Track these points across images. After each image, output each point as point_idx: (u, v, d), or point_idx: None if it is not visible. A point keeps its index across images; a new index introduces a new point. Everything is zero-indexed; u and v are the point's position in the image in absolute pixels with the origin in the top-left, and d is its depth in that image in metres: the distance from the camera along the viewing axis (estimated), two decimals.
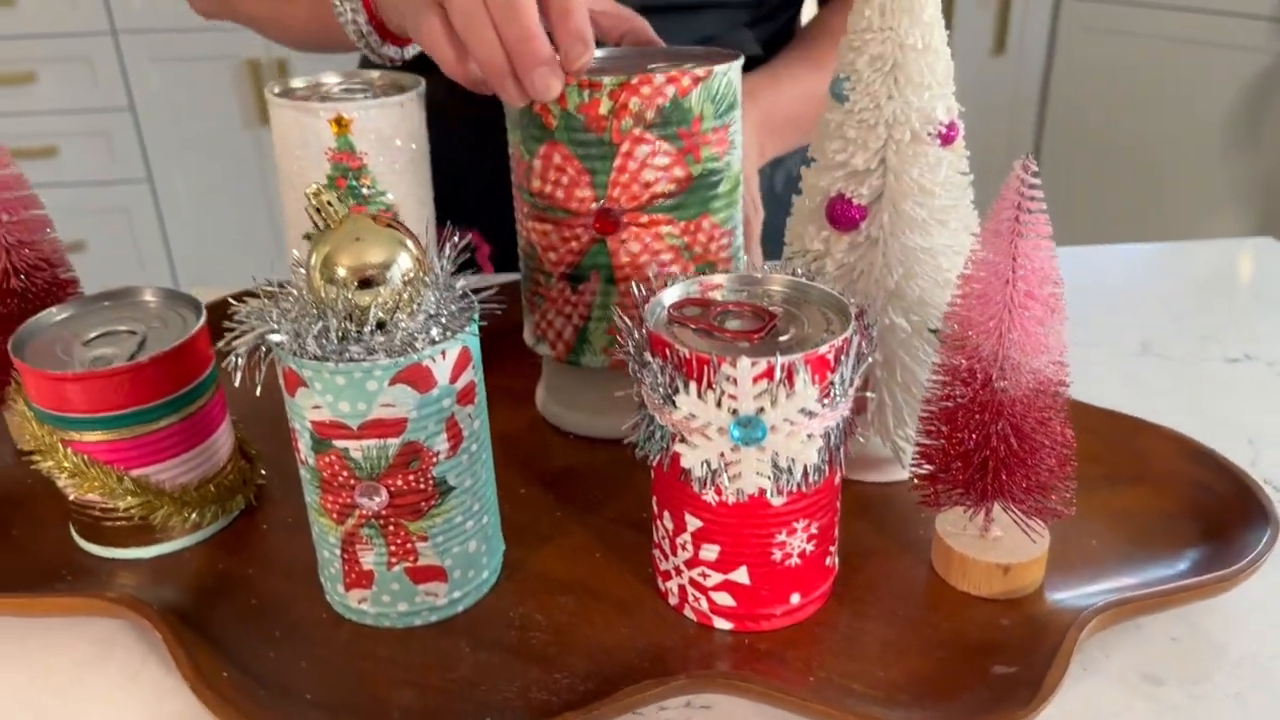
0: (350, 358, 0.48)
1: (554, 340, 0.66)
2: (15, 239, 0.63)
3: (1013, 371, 0.50)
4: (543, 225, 0.63)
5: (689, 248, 0.62)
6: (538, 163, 0.61)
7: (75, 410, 0.55)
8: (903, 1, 0.53)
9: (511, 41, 0.55)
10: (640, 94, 0.58)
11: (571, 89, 0.58)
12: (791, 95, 0.86)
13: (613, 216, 0.61)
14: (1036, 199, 0.48)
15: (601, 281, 0.63)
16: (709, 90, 0.60)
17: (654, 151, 0.60)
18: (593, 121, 0.59)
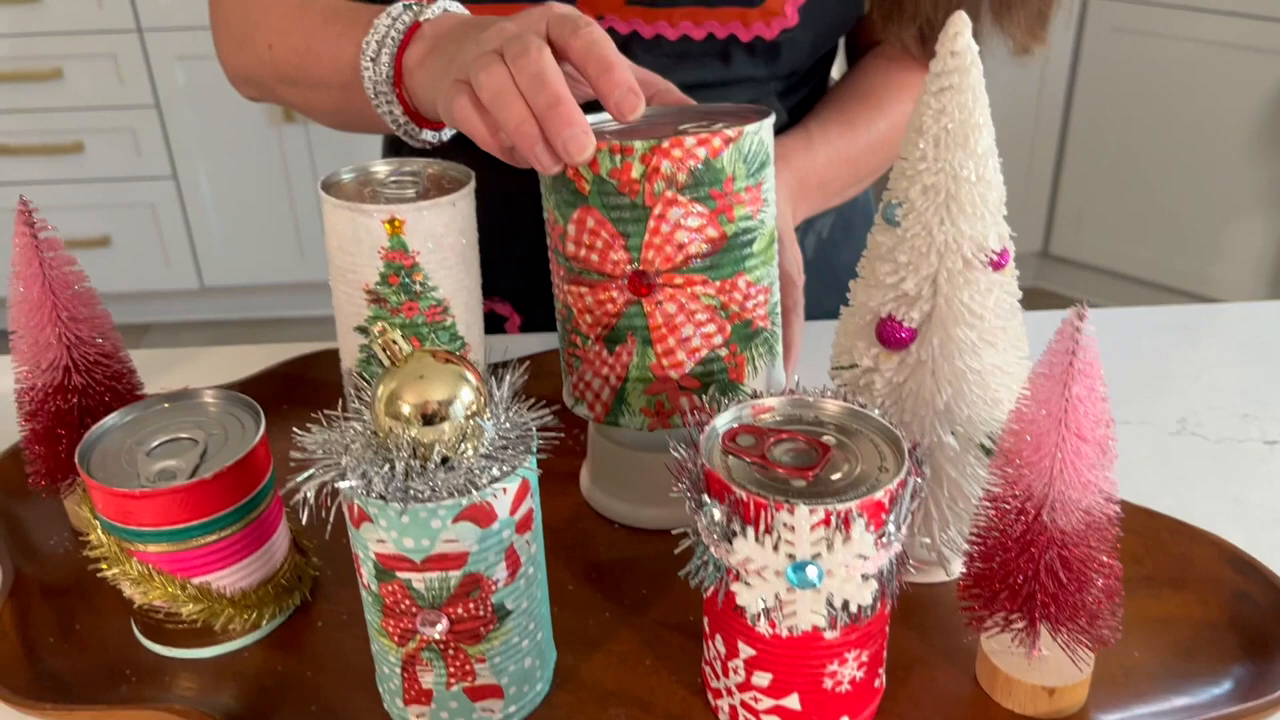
0: (415, 497, 0.49)
1: (592, 401, 0.67)
2: (75, 336, 0.64)
3: (1063, 509, 0.51)
4: (578, 288, 0.64)
5: (725, 307, 0.63)
6: (571, 227, 0.62)
7: (140, 524, 0.56)
8: (957, 136, 0.53)
9: (541, 109, 0.56)
10: (671, 157, 0.58)
11: (603, 154, 0.59)
12: (826, 158, 0.86)
13: (647, 279, 0.61)
14: (1089, 345, 0.49)
15: (638, 343, 0.63)
16: (740, 150, 0.60)
17: (687, 213, 0.60)
18: (625, 185, 0.59)
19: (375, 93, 0.70)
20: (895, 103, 0.90)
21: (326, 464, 0.51)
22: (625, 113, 0.58)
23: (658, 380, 0.63)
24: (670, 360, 0.63)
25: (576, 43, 0.58)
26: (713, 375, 0.64)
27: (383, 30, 0.69)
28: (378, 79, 0.69)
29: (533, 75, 0.56)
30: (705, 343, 0.63)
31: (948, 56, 0.52)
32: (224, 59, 0.87)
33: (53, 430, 0.65)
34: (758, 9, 0.81)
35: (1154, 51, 2.66)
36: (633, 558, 0.68)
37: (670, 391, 0.64)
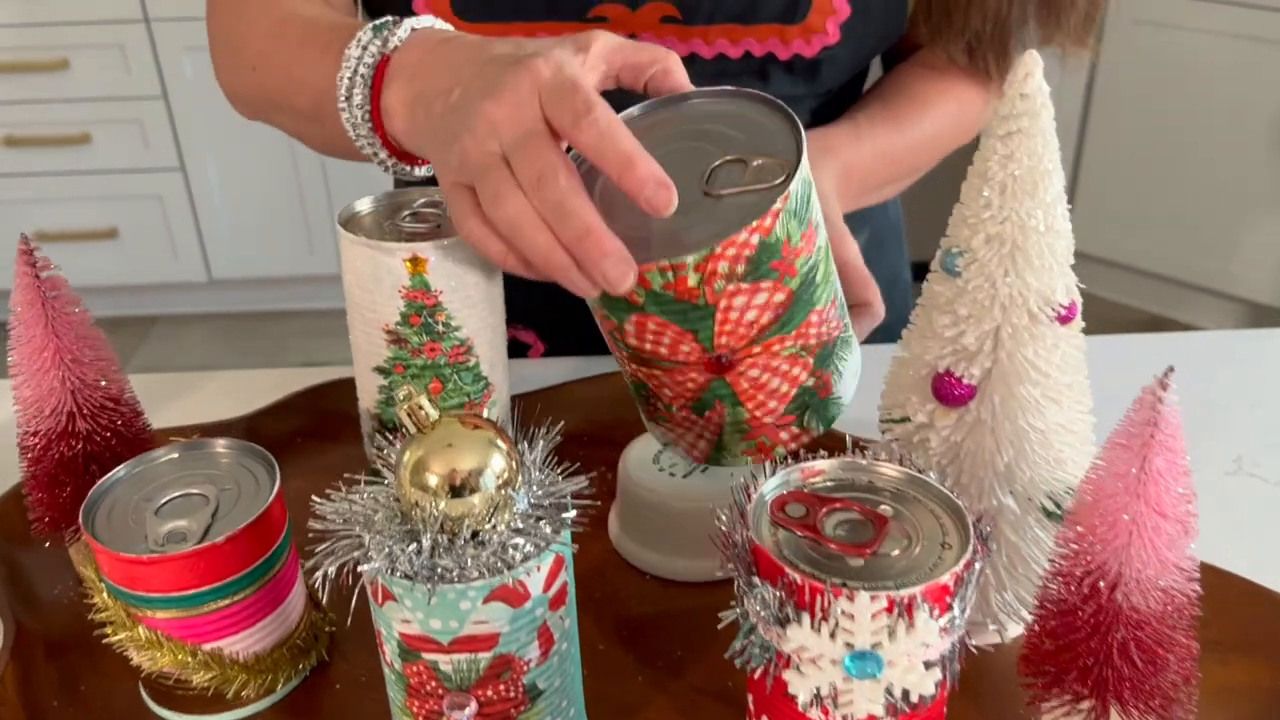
0: (443, 576, 0.45)
1: (688, 448, 0.65)
2: (79, 380, 0.61)
3: (1139, 589, 0.48)
4: (649, 370, 0.60)
5: (805, 348, 0.60)
6: (630, 326, 0.58)
7: (148, 590, 0.53)
8: (1025, 183, 0.50)
9: (570, 240, 0.51)
10: (726, 257, 0.54)
11: (653, 274, 0.54)
12: (872, 152, 0.82)
13: (726, 359, 0.58)
14: (1173, 416, 0.45)
15: (728, 407, 0.61)
16: (790, 211, 0.55)
17: (753, 294, 0.56)
18: (683, 294, 0.55)
19: (356, 135, 0.63)
20: (942, 105, 0.86)
21: (347, 538, 0.47)
22: (659, 209, 0.52)
23: (754, 429, 0.62)
24: (763, 410, 0.61)
25: (583, 137, 0.51)
26: (805, 405, 0.61)
27: (353, 64, 0.62)
28: (356, 121, 0.63)
29: (555, 205, 0.51)
30: (793, 385, 0.60)
31: (1017, 99, 0.49)
32: (219, 75, 0.82)
33: (56, 477, 0.62)
34: (798, 26, 0.77)
35: (1176, 44, 2.61)
36: (666, 612, 0.64)
37: (768, 432, 0.62)
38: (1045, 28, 0.80)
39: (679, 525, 0.65)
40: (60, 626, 0.63)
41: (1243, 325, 2.81)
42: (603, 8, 0.76)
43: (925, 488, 0.50)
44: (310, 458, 0.77)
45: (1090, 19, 0.80)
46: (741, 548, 0.48)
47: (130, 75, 2.69)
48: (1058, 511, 0.56)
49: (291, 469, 0.76)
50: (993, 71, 0.83)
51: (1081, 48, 0.82)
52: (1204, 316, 2.87)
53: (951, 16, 0.79)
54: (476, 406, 0.67)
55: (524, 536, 0.47)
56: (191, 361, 2.90)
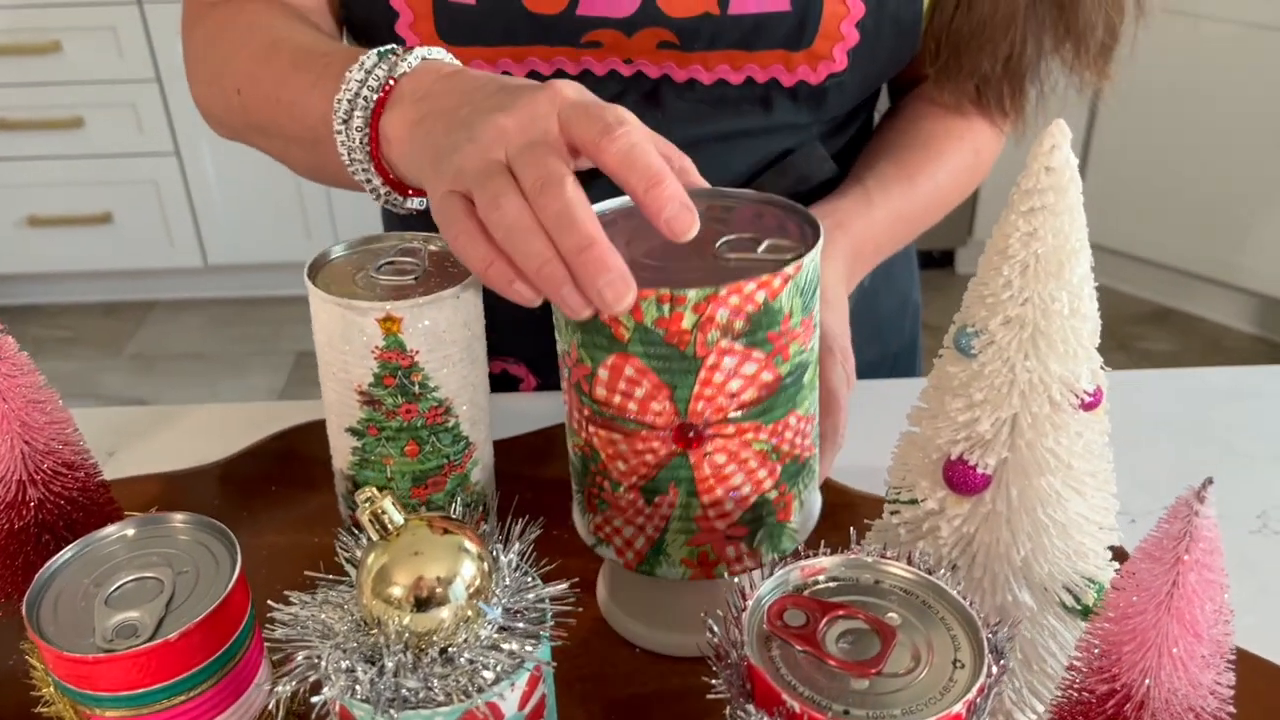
0: (406, 700, 0.42)
1: (622, 547, 0.59)
2: (29, 445, 0.57)
3: (1166, 710, 0.44)
4: (608, 434, 0.56)
5: (776, 449, 0.56)
6: (604, 372, 0.54)
7: (97, 689, 0.49)
8: (1049, 264, 0.45)
9: (570, 251, 0.47)
10: (728, 304, 0.51)
11: (648, 302, 0.50)
12: (885, 219, 0.78)
13: (695, 431, 0.54)
14: (1210, 530, 0.41)
15: (681, 494, 0.56)
16: (798, 284, 0.53)
17: (742, 361, 0.52)
18: (674, 336, 0.51)
19: (350, 159, 0.61)
20: (955, 151, 0.82)
21: (306, 649, 0.43)
22: (679, 233, 0.48)
23: (702, 531, 0.56)
24: (717, 511, 0.56)
25: (612, 148, 0.48)
26: (761, 520, 0.57)
27: (354, 87, 0.59)
28: (352, 145, 0.60)
29: (557, 213, 0.47)
30: (755, 489, 0.56)
31: (1042, 172, 0.44)
32: (195, 94, 0.78)
33: (6, 548, 0.58)
34: (803, 53, 0.73)
35: (1186, 32, 2.55)
36: (656, 693, 0.61)
37: (716, 542, 0.57)
38: (1063, 60, 0.76)
39: (670, 597, 0.62)
40: (12, 699, 0.60)
41: (1253, 318, 2.77)
42: (597, 33, 0.72)
43: (936, 593, 0.46)
44: (285, 508, 0.73)
45: (1108, 49, 0.76)
46: (736, 667, 0.44)
47: (123, 58, 2.64)
48: (1077, 606, 0.52)
49: (264, 520, 0.73)
50: (1007, 108, 0.79)
51: (1102, 79, 0.77)
52: (1213, 308, 2.83)
53: (961, 60, 0.75)
54: (457, 467, 0.63)
55: (497, 653, 0.43)
56: (187, 348, 2.86)
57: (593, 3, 0.71)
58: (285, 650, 0.44)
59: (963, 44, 0.75)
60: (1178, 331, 2.81)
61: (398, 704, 0.41)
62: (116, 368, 2.80)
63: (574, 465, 0.60)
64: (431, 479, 0.62)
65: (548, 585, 0.46)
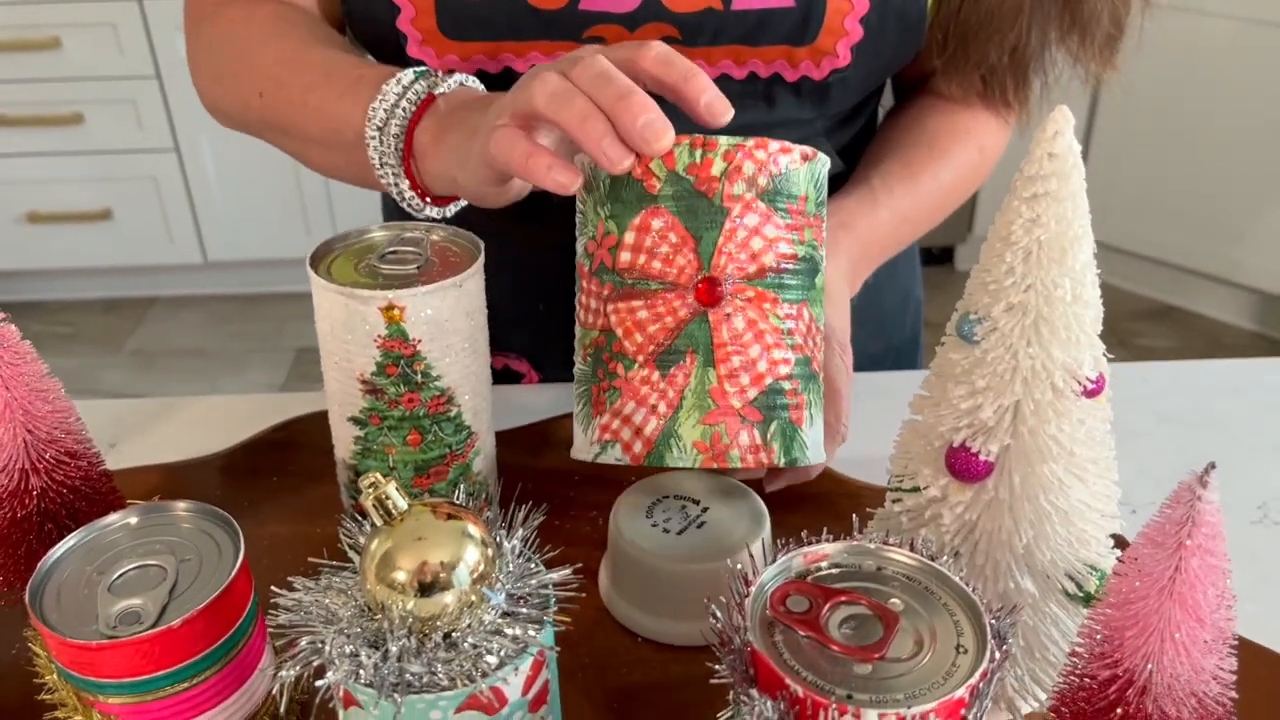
0: (410, 685, 0.42)
1: (630, 439, 0.57)
2: (32, 434, 0.57)
3: (1171, 696, 0.44)
4: (629, 304, 0.56)
5: (791, 334, 0.57)
6: (630, 235, 0.56)
7: (100, 675, 0.49)
8: (1052, 250, 0.45)
9: (610, 102, 0.52)
10: (755, 158, 0.55)
11: (681, 148, 0.54)
12: (889, 221, 0.79)
13: (718, 286, 0.55)
14: (1212, 515, 0.41)
15: (698, 364, 0.56)
16: (813, 173, 0.57)
17: (764, 220, 0.55)
18: (703, 183, 0.55)
19: (381, 163, 0.64)
20: (961, 148, 0.82)
21: (309, 635, 0.43)
22: (718, 115, 0.55)
23: (717, 408, 0.56)
24: (734, 384, 0.56)
25: (649, 55, 0.55)
26: (775, 411, 0.57)
27: (392, 99, 0.63)
28: (385, 150, 0.63)
29: (596, 74, 0.53)
30: (771, 369, 0.56)
31: (1045, 159, 0.44)
32: (201, 90, 0.79)
33: (9, 536, 0.58)
34: (806, 48, 0.73)
35: (1187, 28, 2.54)
36: (658, 683, 0.61)
37: (730, 421, 0.56)
38: (1068, 51, 0.76)
39: (673, 586, 0.62)
40: (16, 689, 0.60)
41: (1253, 315, 2.77)
42: (600, 27, 0.72)
43: (939, 579, 0.46)
44: (287, 499, 0.73)
45: (1114, 40, 0.76)
46: (739, 652, 0.44)
47: (123, 55, 2.63)
48: (1079, 593, 0.52)
49: (266, 510, 0.73)
50: (1011, 99, 0.79)
51: (1108, 69, 0.77)
52: (1213, 305, 2.83)
53: (968, 50, 0.75)
54: (459, 456, 0.63)
55: (501, 638, 0.43)
56: (188, 344, 2.86)
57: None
58: (289, 636, 0.44)
59: (970, 35, 0.75)
60: (1178, 328, 2.81)
61: (401, 688, 0.42)
62: (117, 364, 2.80)
63: (580, 376, 0.60)
64: (434, 468, 0.62)
65: (551, 571, 0.46)
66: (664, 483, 0.67)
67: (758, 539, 0.62)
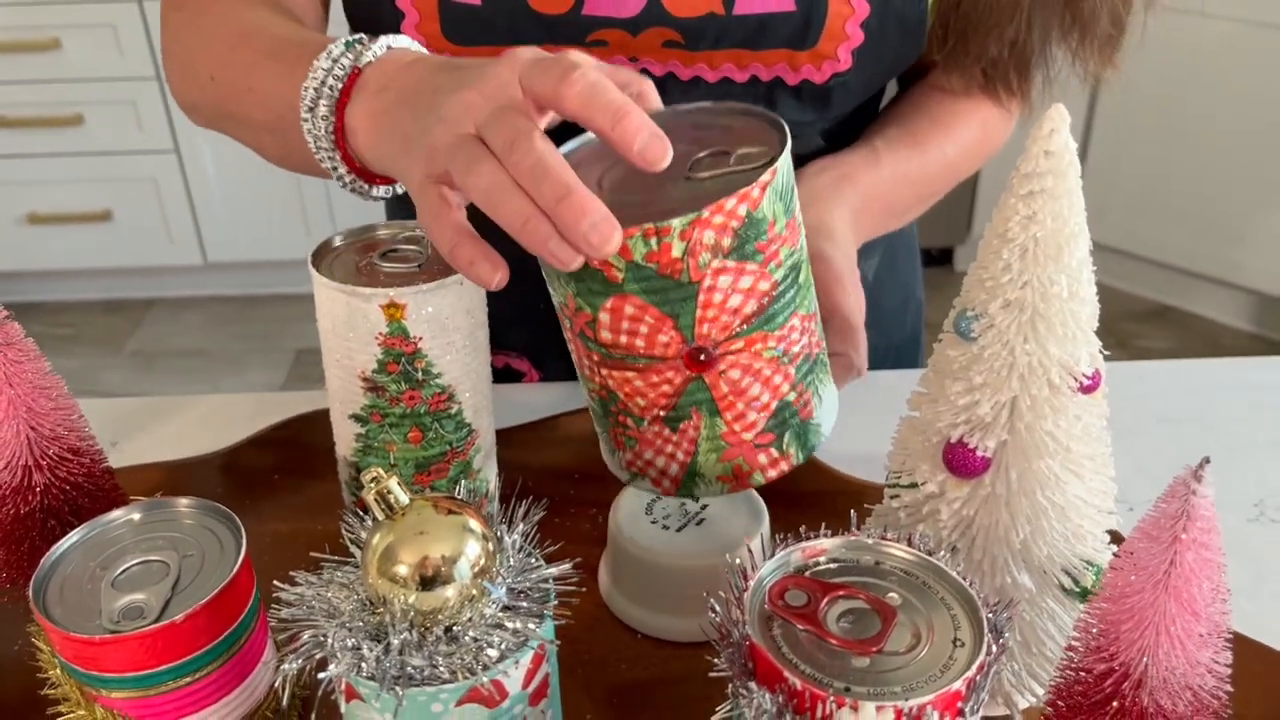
0: (412, 678, 0.42)
1: (657, 478, 0.59)
2: (36, 431, 0.57)
3: (1167, 690, 0.44)
4: (622, 374, 0.56)
5: (786, 353, 0.56)
6: (605, 315, 0.54)
7: (103, 670, 0.50)
8: (1048, 247, 0.46)
9: (548, 202, 0.48)
10: (713, 225, 0.51)
11: (635, 240, 0.50)
12: (892, 176, 0.78)
13: (707, 355, 0.54)
14: (1206, 509, 0.41)
15: (705, 417, 0.56)
16: (776, 190, 0.52)
17: (738, 276, 0.52)
18: (666, 267, 0.51)
19: (317, 147, 0.61)
20: (964, 129, 0.82)
21: (311, 629, 0.44)
22: (653, 163, 0.49)
23: (732, 446, 0.57)
24: (742, 424, 0.56)
25: (571, 92, 0.48)
26: (785, 422, 0.57)
27: (320, 75, 0.59)
28: (318, 133, 0.60)
29: (531, 166, 0.48)
30: (774, 395, 0.56)
31: (1041, 156, 0.45)
32: (171, 81, 0.78)
33: (13, 533, 0.59)
34: (807, 52, 0.73)
35: (1186, 30, 2.54)
36: (658, 679, 0.61)
37: (747, 453, 0.57)
38: (1065, 42, 0.76)
39: (672, 583, 0.62)
40: (18, 686, 0.60)
41: (1251, 316, 2.77)
42: (602, 32, 0.72)
43: (936, 573, 0.46)
44: (288, 497, 0.74)
45: (1114, 40, 0.76)
46: (738, 646, 0.44)
47: (123, 56, 2.64)
48: (1075, 588, 0.52)
49: (267, 508, 0.73)
50: (1014, 89, 0.79)
51: (1109, 68, 0.77)
52: (1212, 306, 2.83)
53: (968, 44, 0.75)
54: (459, 454, 0.63)
55: (501, 631, 0.43)
56: (187, 345, 2.87)
57: (598, 2, 0.71)
58: (291, 630, 0.44)
59: (970, 28, 0.74)
60: (1176, 329, 2.81)
61: (403, 681, 0.42)
62: (117, 365, 2.80)
63: (594, 409, 0.60)
64: (435, 465, 0.62)
65: (551, 565, 0.46)
66: None
67: (756, 535, 0.63)
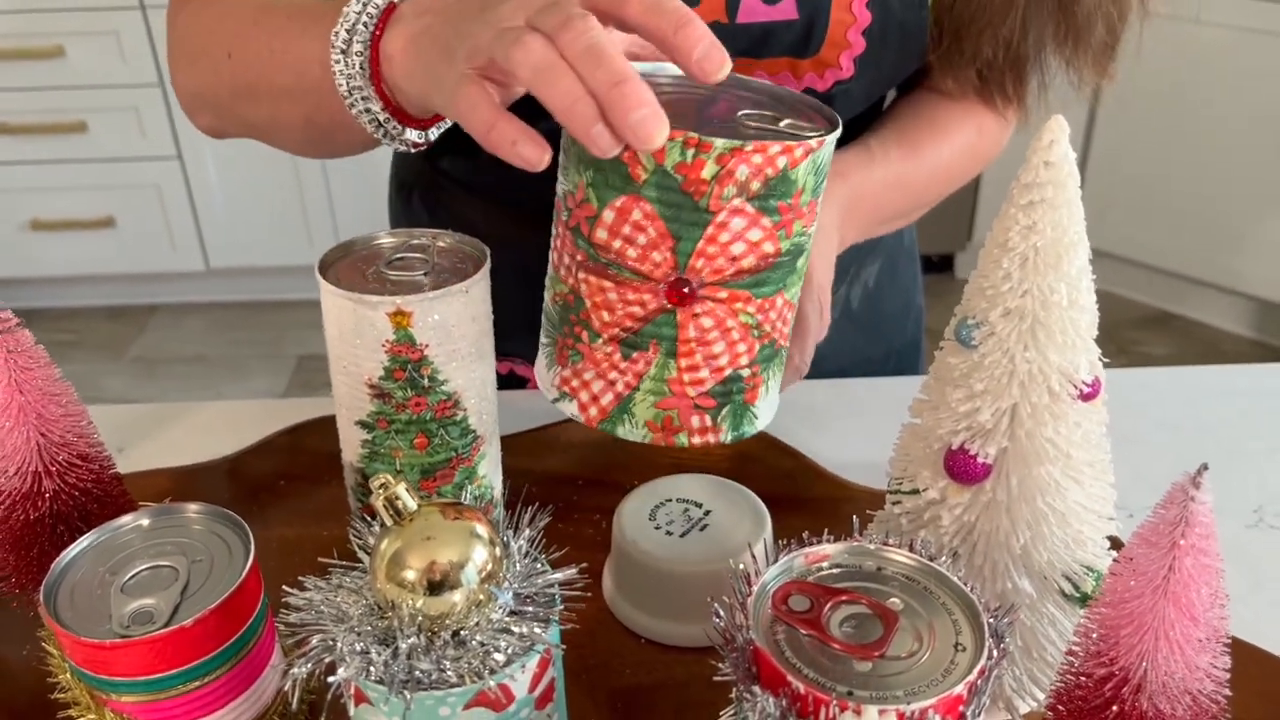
0: (420, 682, 0.42)
1: (586, 402, 0.57)
2: (45, 437, 0.58)
3: (1166, 695, 0.44)
4: (599, 280, 0.54)
5: (759, 326, 0.55)
6: (609, 214, 0.52)
7: (113, 674, 0.50)
8: (1048, 255, 0.46)
9: (602, 85, 0.46)
10: (751, 162, 0.50)
11: (674, 145, 0.49)
12: (884, 178, 0.78)
13: (690, 288, 0.53)
14: (1205, 515, 0.42)
15: (660, 354, 0.55)
16: (816, 162, 0.52)
17: (750, 225, 0.52)
18: (691, 184, 0.50)
19: (350, 89, 0.60)
20: (959, 134, 0.83)
21: (320, 633, 0.44)
22: (710, 72, 0.48)
23: (673, 395, 0.56)
24: (692, 377, 0.55)
25: (634, 4, 0.48)
26: (730, 396, 0.56)
27: (353, 16, 0.59)
28: (351, 71, 0.59)
29: (586, 47, 0.47)
30: (733, 361, 0.55)
31: (1041, 167, 0.45)
32: (177, 81, 0.78)
33: (22, 538, 0.59)
34: (810, 60, 0.74)
35: (1186, 38, 2.56)
36: (661, 683, 0.61)
37: (684, 407, 0.56)
38: (1063, 57, 0.77)
39: (675, 589, 0.63)
40: (27, 692, 0.61)
41: (1251, 322, 2.78)
42: None
43: (938, 579, 0.47)
44: (294, 502, 0.74)
45: (1109, 47, 0.77)
46: (742, 650, 0.44)
47: (126, 63, 2.65)
48: (1075, 594, 0.53)
49: (274, 514, 0.73)
50: (1010, 94, 0.79)
51: (1104, 78, 0.78)
52: (1212, 313, 2.84)
53: (962, 44, 0.76)
54: (464, 460, 0.64)
55: (508, 636, 0.44)
56: (190, 351, 2.87)
57: None
58: (300, 634, 0.45)
59: (963, 28, 0.75)
60: (1177, 336, 2.82)
61: (411, 685, 0.42)
62: (119, 371, 2.81)
63: (549, 315, 0.59)
64: (440, 471, 0.63)
65: (556, 570, 0.47)
66: (667, 486, 0.68)
67: (760, 541, 0.63)
